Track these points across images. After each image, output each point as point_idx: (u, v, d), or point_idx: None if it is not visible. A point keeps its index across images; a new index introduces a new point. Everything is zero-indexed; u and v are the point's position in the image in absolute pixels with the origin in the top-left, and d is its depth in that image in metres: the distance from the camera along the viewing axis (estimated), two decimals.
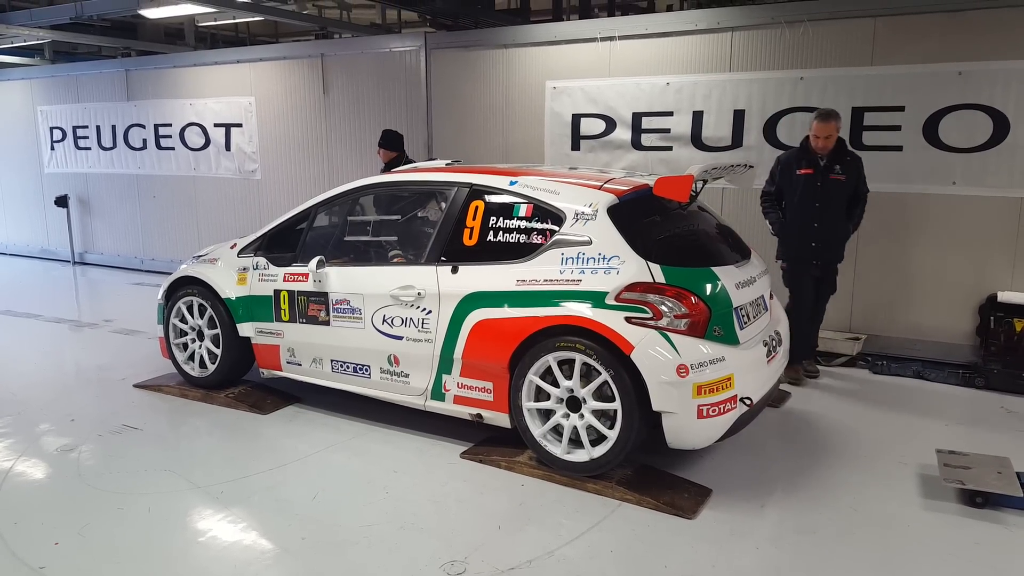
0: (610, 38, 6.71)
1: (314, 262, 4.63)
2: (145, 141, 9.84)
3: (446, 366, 4.26)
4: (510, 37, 7.28)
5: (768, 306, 4.42)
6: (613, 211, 3.97)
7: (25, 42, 11.78)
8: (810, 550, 3.39)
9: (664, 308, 3.69)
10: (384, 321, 4.44)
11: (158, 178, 9.86)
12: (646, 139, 6.69)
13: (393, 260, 4.64)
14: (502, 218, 4.17)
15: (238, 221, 8.96)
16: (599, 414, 3.83)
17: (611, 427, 3.79)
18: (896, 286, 6.00)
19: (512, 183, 4.25)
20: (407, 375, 4.43)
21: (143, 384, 5.52)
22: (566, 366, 3.88)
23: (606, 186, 4.13)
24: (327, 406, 5.01)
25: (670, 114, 6.55)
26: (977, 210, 5.64)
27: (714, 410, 3.64)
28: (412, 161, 6.21)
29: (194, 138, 9.41)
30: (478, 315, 4.09)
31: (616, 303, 3.75)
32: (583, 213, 3.97)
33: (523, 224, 4.11)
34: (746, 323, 3.98)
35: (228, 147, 9.15)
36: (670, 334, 3.65)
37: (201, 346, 5.26)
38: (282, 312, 4.87)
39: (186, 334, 5.32)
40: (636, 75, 6.63)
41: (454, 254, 4.26)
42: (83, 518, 3.64)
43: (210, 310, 5.13)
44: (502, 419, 4.16)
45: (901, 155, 5.76)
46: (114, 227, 10.43)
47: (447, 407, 4.33)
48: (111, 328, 7.32)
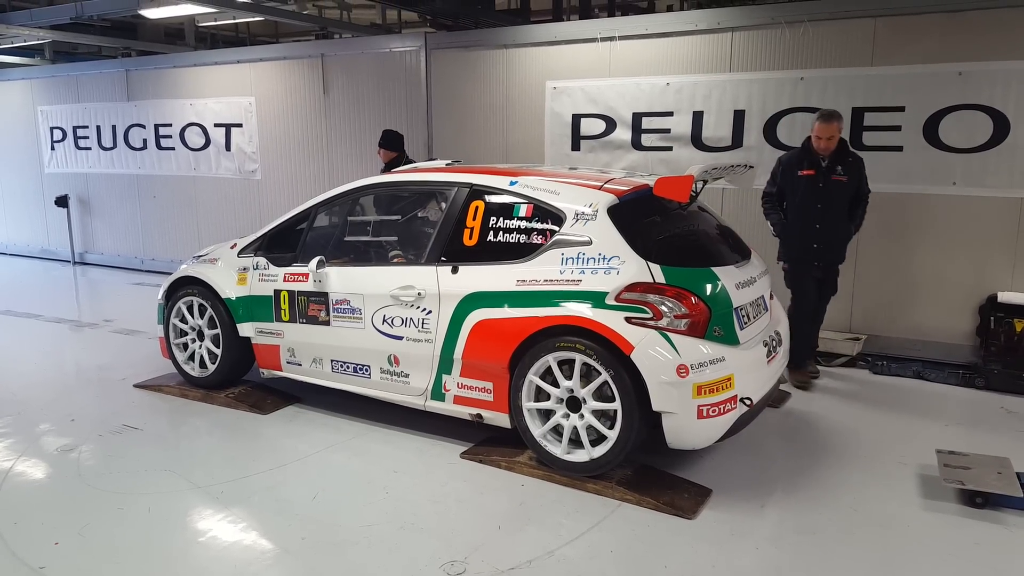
0: (610, 38, 6.71)
1: (314, 262, 4.63)
2: (145, 141, 9.84)
3: (446, 366, 4.26)
4: (510, 37, 7.28)
5: (768, 306, 4.42)
6: (613, 211, 3.97)
7: (25, 42, 11.79)
8: (810, 550, 3.39)
9: (664, 308, 3.69)
10: (384, 321, 4.44)
11: (158, 178, 9.86)
12: (646, 139, 6.69)
13: (393, 260, 4.64)
14: (502, 218, 4.18)
15: (238, 221, 8.96)
16: (599, 414, 3.83)
17: (611, 427, 3.79)
18: (896, 286, 6.00)
19: (512, 183, 4.25)
20: (407, 375, 4.43)
21: (143, 384, 5.52)
22: (566, 366, 3.88)
23: (606, 186, 4.13)
24: (327, 406, 5.01)
25: (670, 114, 6.55)
26: (977, 210, 5.64)
27: (714, 410, 3.64)
28: (412, 161, 6.21)
29: (194, 138, 9.41)
30: (478, 315, 4.10)
31: (616, 303, 3.75)
32: (583, 213, 3.97)
33: (523, 224, 4.11)
34: (746, 323, 3.98)
35: (228, 147, 9.15)
36: (670, 334, 3.66)
37: (201, 346, 5.26)
38: (282, 312, 4.87)
39: (186, 334, 5.32)
40: (636, 75, 6.63)
41: (454, 254, 4.26)
42: (83, 518, 3.64)
43: (210, 310, 5.13)
44: (502, 419, 4.16)
45: (901, 155, 5.76)
46: (114, 227, 10.44)
47: (447, 407, 4.33)
48: (111, 328, 7.32)
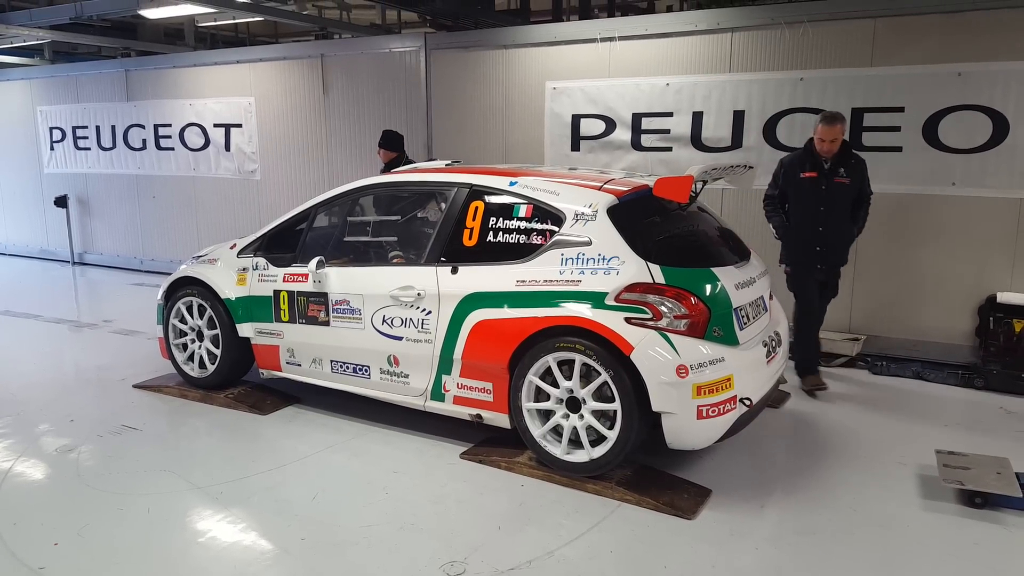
0: (610, 39, 6.71)
1: (314, 262, 4.63)
2: (145, 141, 9.84)
3: (446, 366, 4.26)
4: (510, 38, 7.28)
5: (768, 307, 4.42)
6: (613, 212, 3.97)
7: (25, 42, 11.79)
8: (810, 550, 3.39)
9: (664, 309, 3.69)
10: (384, 321, 4.44)
11: (158, 178, 9.86)
12: (646, 140, 6.69)
13: (393, 260, 4.64)
14: (502, 218, 4.17)
15: (238, 221, 8.96)
16: (599, 415, 3.83)
17: (611, 428, 3.79)
18: (896, 287, 6.00)
19: (512, 183, 4.25)
20: (407, 375, 4.43)
21: (143, 384, 5.52)
22: (566, 367, 3.88)
23: (606, 187, 4.13)
24: (327, 407, 5.01)
25: (670, 115, 6.55)
26: (976, 211, 5.64)
27: (714, 411, 3.64)
28: (412, 161, 6.21)
29: (194, 138, 9.41)
30: (478, 315, 4.10)
31: (616, 304, 3.75)
32: (583, 214, 3.97)
33: (523, 224, 4.11)
34: (746, 324, 3.98)
35: (228, 147, 9.15)
36: (670, 335, 3.66)
37: (201, 346, 5.26)
38: (282, 312, 4.87)
39: (186, 334, 5.32)
40: (636, 76, 6.63)
41: (454, 254, 4.26)
42: (83, 519, 3.64)
43: (210, 310, 5.13)
44: (502, 419, 4.16)
45: (901, 156, 5.77)
46: (113, 227, 10.43)
47: (447, 407, 4.33)
48: (111, 328, 7.32)
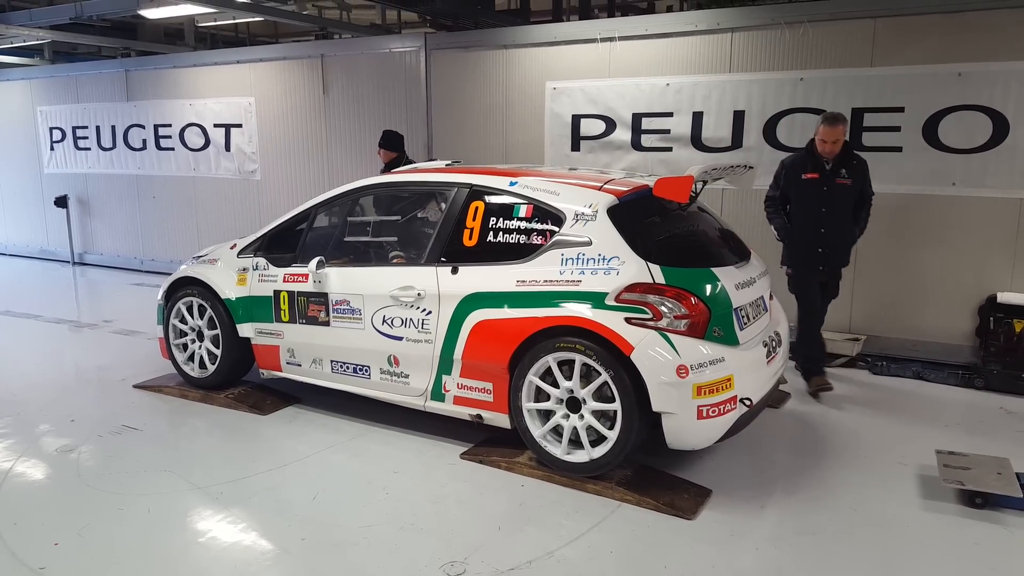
0: (610, 39, 6.71)
1: (314, 263, 4.63)
2: (145, 141, 9.84)
3: (446, 367, 4.26)
4: (510, 38, 7.28)
5: (768, 307, 4.42)
6: (613, 212, 3.97)
7: (25, 42, 11.80)
8: (810, 550, 3.39)
9: (664, 309, 3.69)
10: (384, 322, 4.44)
11: (158, 178, 9.86)
12: (646, 140, 6.69)
13: (393, 261, 4.64)
14: (502, 219, 4.17)
15: (238, 222, 8.96)
16: (599, 415, 3.83)
17: (611, 428, 3.79)
18: (896, 287, 6.00)
19: (512, 184, 4.26)
20: (407, 376, 4.43)
21: (143, 385, 5.52)
22: (566, 367, 3.88)
23: (606, 187, 4.13)
24: (327, 407, 5.01)
25: (670, 115, 6.55)
26: (977, 211, 5.64)
27: (714, 411, 3.64)
28: (412, 162, 6.21)
29: (194, 138, 9.41)
30: (478, 316, 4.10)
31: (616, 304, 3.75)
32: (583, 214, 3.97)
33: (523, 225, 4.11)
34: (746, 324, 3.98)
35: (228, 147, 9.15)
36: (670, 335, 3.66)
37: (201, 347, 5.26)
38: (282, 313, 4.87)
39: (186, 335, 5.32)
40: (636, 76, 6.63)
41: (454, 255, 4.26)
42: (83, 519, 3.64)
43: (210, 311, 5.13)
44: (502, 420, 4.16)
45: (901, 156, 5.77)
46: (114, 228, 10.43)
47: (447, 408, 4.33)
48: (111, 329, 7.32)
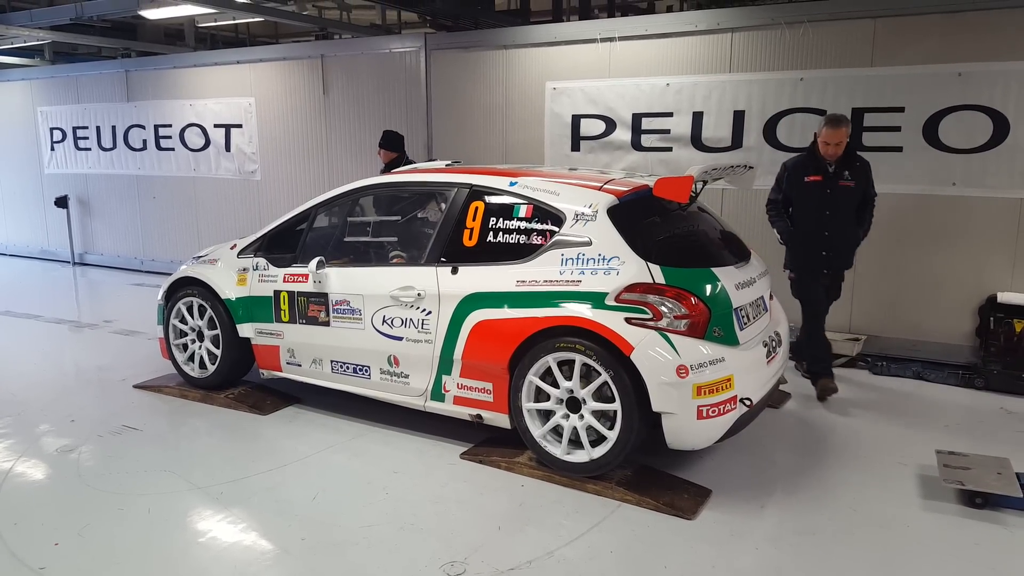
0: (610, 39, 6.71)
1: (314, 263, 4.63)
2: (145, 142, 9.84)
3: (446, 367, 4.26)
4: (510, 38, 7.28)
5: (768, 307, 4.42)
6: (613, 212, 3.97)
7: (25, 43, 11.79)
8: (810, 550, 3.39)
9: (664, 309, 3.69)
10: (384, 322, 4.44)
11: (158, 179, 9.86)
12: (646, 140, 6.69)
13: (393, 261, 4.64)
14: (502, 219, 4.18)
15: (238, 222, 8.96)
16: (599, 415, 3.83)
17: (611, 428, 3.79)
18: (896, 287, 6.00)
19: (512, 184, 4.26)
20: (407, 376, 4.43)
21: (143, 385, 5.52)
22: (566, 367, 3.88)
23: (606, 187, 4.13)
24: (327, 407, 5.01)
25: (670, 115, 6.55)
26: (977, 211, 5.64)
27: (714, 411, 3.64)
28: (412, 162, 6.21)
29: (194, 139, 9.41)
30: (478, 316, 4.10)
31: (616, 304, 3.75)
32: (583, 214, 3.97)
33: (523, 225, 4.11)
34: (746, 324, 3.98)
35: (228, 148, 9.15)
36: (670, 335, 3.66)
37: (201, 347, 5.26)
38: (282, 313, 4.87)
39: (186, 335, 5.32)
40: (636, 76, 6.63)
41: (454, 255, 4.26)
42: (83, 519, 3.64)
43: (210, 311, 5.13)
44: (502, 420, 4.16)
45: (901, 156, 5.76)
46: (114, 228, 10.44)
47: (447, 408, 4.33)
48: (111, 329, 7.32)
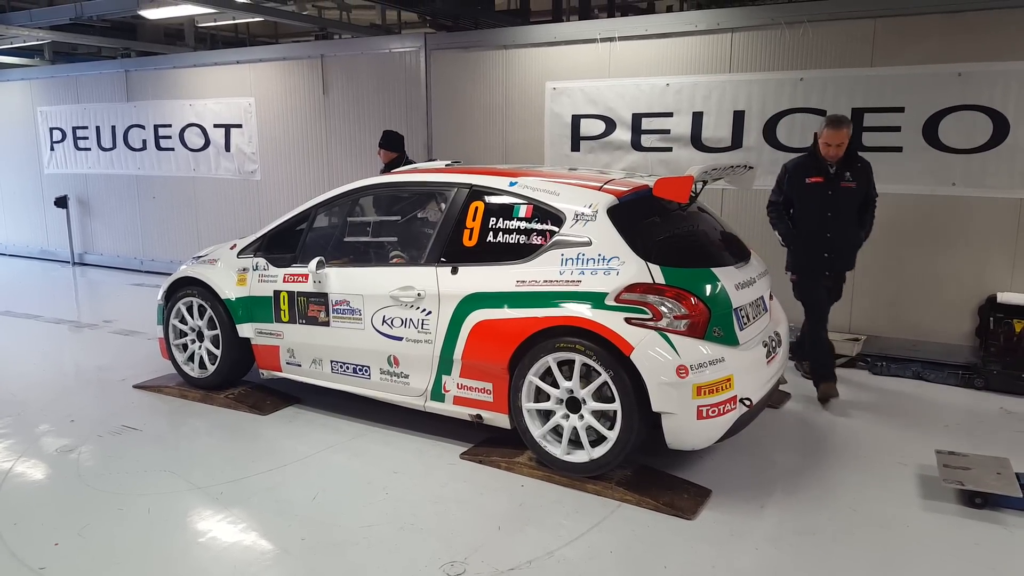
0: (610, 39, 6.71)
1: (314, 263, 4.63)
2: (145, 142, 9.84)
3: (446, 367, 4.26)
4: (510, 38, 7.28)
5: (768, 307, 4.42)
6: (613, 212, 3.97)
7: (25, 43, 11.79)
8: (810, 551, 3.39)
9: (664, 309, 3.69)
10: (384, 322, 4.44)
11: (158, 179, 9.86)
12: (646, 140, 6.69)
13: (393, 261, 4.64)
14: (502, 219, 4.17)
15: (238, 222, 8.96)
16: (599, 415, 3.83)
17: (611, 428, 3.79)
18: (896, 287, 6.00)
19: (512, 184, 4.26)
20: (407, 376, 4.43)
21: (143, 385, 5.52)
22: (566, 367, 3.88)
23: (606, 187, 4.13)
24: (327, 407, 5.01)
25: (670, 115, 6.55)
26: (977, 211, 5.64)
27: (714, 411, 3.64)
28: (412, 162, 6.21)
29: (194, 139, 9.41)
30: (478, 316, 4.10)
31: (616, 304, 3.75)
32: (583, 214, 3.97)
33: (523, 225, 4.11)
34: (746, 324, 3.98)
35: (228, 148, 9.15)
36: (670, 335, 3.66)
37: (201, 347, 5.26)
38: (282, 313, 4.87)
39: (186, 335, 5.32)
40: (636, 76, 6.63)
41: (454, 255, 4.26)
42: (83, 519, 3.64)
43: (210, 311, 5.13)
44: (502, 420, 4.16)
45: (901, 156, 5.77)
46: (114, 228, 10.43)
47: (447, 408, 4.33)
48: (111, 329, 7.32)
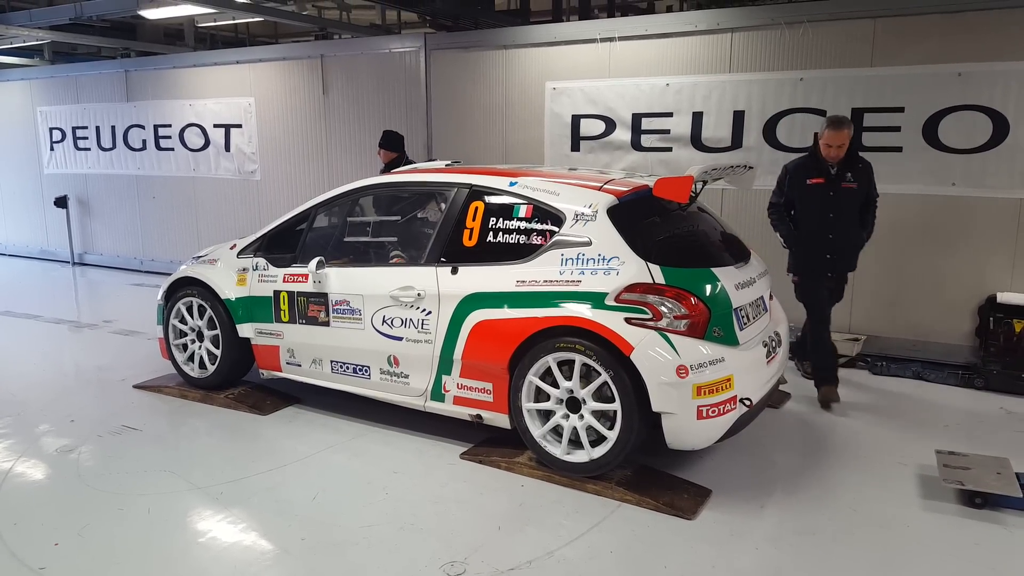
0: (610, 39, 6.71)
1: (314, 263, 4.63)
2: (145, 142, 9.84)
3: (446, 367, 4.26)
4: (510, 38, 7.28)
5: (768, 307, 4.42)
6: (613, 212, 3.97)
7: (25, 43, 11.80)
8: (810, 550, 3.39)
9: (664, 309, 3.69)
10: (384, 322, 4.44)
11: (158, 179, 9.86)
12: (646, 140, 6.69)
13: (393, 261, 4.64)
14: (502, 219, 4.17)
15: (237, 222, 8.96)
16: (599, 415, 3.83)
17: (611, 428, 3.79)
18: (896, 287, 6.00)
19: (512, 184, 4.26)
20: (407, 376, 4.43)
21: (143, 385, 5.52)
22: (566, 367, 3.88)
23: (606, 187, 4.13)
24: (327, 407, 5.01)
25: (670, 115, 6.55)
26: (977, 211, 5.64)
27: (714, 411, 3.64)
28: (412, 162, 6.21)
29: (194, 139, 9.41)
30: (478, 316, 4.10)
31: (616, 304, 3.75)
32: (583, 214, 3.97)
33: (523, 225, 4.11)
34: (746, 324, 3.98)
35: (228, 148, 9.15)
36: (670, 335, 3.66)
37: (201, 347, 5.26)
38: (282, 313, 4.87)
39: (186, 335, 5.32)
40: (636, 76, 6.63)
41: (454, 255, 4.26)
42: (83, 519, 3.64)
43: (210, 311, 5.13)
44: (502, 420, 4.16)
45: (901, 156, 5.77)
46: (114, 228, 10.43)
47: (447, 408, 4.33)
48: (111, 329, 7.32)
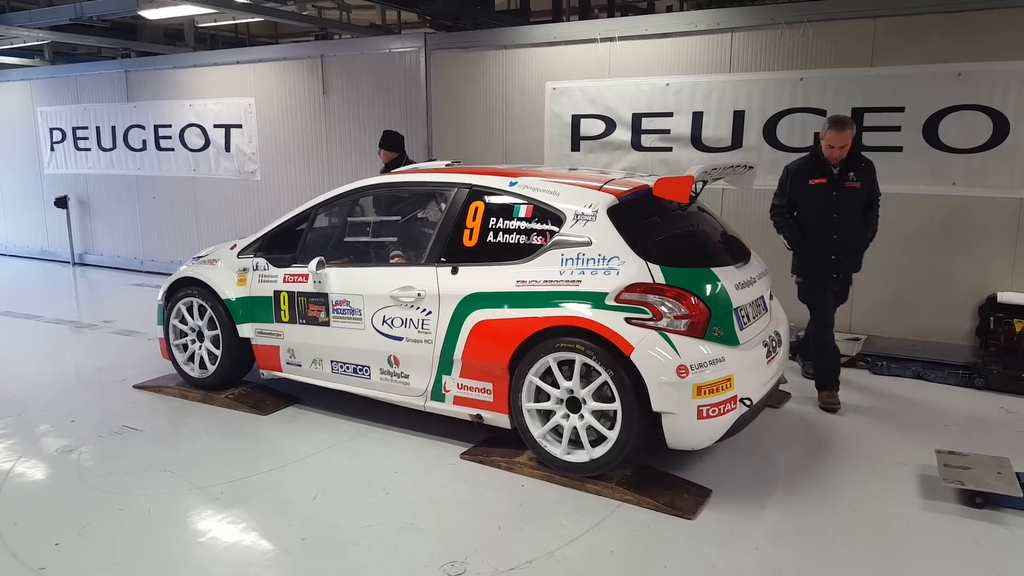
0: (610, 39, 6.71)
1: (314, 263, 4.63)
2: (145, 142, 9.84)
3: (446, 367, 4.26)
4: (510, 38, 7.28)
5: (768, 307, 4.42)
6: (613, 212, 3.97)
7: (25, 43, 11.80)
8: (810, 550, 3.39)
9: (664, 309, 3.69)
10: (384, 322, 4.44)
11: (158, 179, 9.87)
12: (646, 140, 6.69)
13: (393, 261, 4.64)
14: (502, 219, 4.18)
15: (238, 222, 8.96)
16: (599, 415, 3.83)
17: (611, 428, 3.79)
18: (896, 287, 6.00)
19: (512, 184, 4.26)
20: (407, 376, 4.43)
21: (143, 385, 5.52)
22: (566, 367, 3.89)
23: (606, 187, 4.14)
24: (327, 407, 5.01)
25: (670, 115, 6.55)
26: (977, 210, 5.64)
27: (714, 411, 3.64)
28: (412, 162, 6.21)
29: (194, 139, 9.41)
30: (478, 316, 4.10)
31: (616, 304, 3.75)
32: (583, 214, 3.97)
33: (523, 225, 4.11)
34: (746, 324, 3.98)
35: (228, 148, 9.15)
36: (670, 335, 3.66)
37: (201, 347, 5.26)
38: (282, 313, 4.87)
39: (186, 335, 5.32)
40: (636, 76, 6.63)
41: (454, 255, 4.26)
42: (83, 519, 3.64)
43: (210, 311, 5.13)
44: (502, 420, 4.16)
45: (901, 156, 5.77)
46: (114, 228, 10.43)
47: (447, 408, 4.34)
48: (111, 329, 7.32)
